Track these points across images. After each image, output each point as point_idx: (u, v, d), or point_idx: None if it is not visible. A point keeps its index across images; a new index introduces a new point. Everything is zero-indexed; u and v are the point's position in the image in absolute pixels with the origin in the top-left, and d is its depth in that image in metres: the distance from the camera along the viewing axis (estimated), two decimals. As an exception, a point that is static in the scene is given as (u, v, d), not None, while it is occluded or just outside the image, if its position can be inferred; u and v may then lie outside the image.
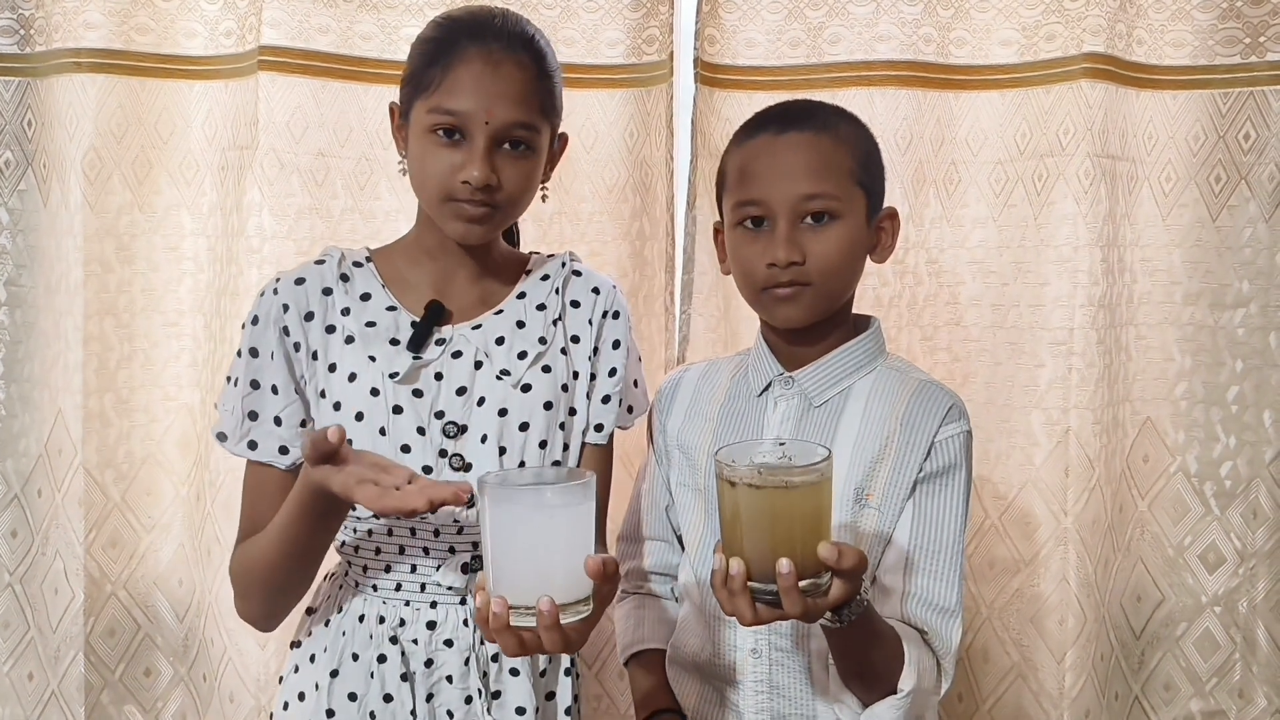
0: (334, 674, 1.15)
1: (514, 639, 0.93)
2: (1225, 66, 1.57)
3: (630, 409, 1.24)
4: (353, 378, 1.14)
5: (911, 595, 1.11)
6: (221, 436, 1.17)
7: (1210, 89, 1.58)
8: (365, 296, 1.18)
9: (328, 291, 1.17)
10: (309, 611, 1.22)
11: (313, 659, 1.18)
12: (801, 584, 0.89)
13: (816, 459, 0.91)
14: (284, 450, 1.16)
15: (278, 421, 1.15)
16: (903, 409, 1.13)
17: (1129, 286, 1.62)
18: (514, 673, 1.16)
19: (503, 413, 1.15)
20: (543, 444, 1.16)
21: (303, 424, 1.17)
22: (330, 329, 1.16)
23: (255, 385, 1.15)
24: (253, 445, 1.15)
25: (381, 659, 1.14)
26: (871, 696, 1.06)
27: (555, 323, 1.20)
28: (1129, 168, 1.59)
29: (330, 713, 1.15)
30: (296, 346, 1.16)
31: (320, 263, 1.20)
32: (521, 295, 1.21)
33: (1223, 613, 1.65)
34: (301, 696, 1.18)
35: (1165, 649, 1.67)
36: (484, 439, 1.14)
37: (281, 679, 1.23)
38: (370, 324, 1.16)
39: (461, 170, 1.09)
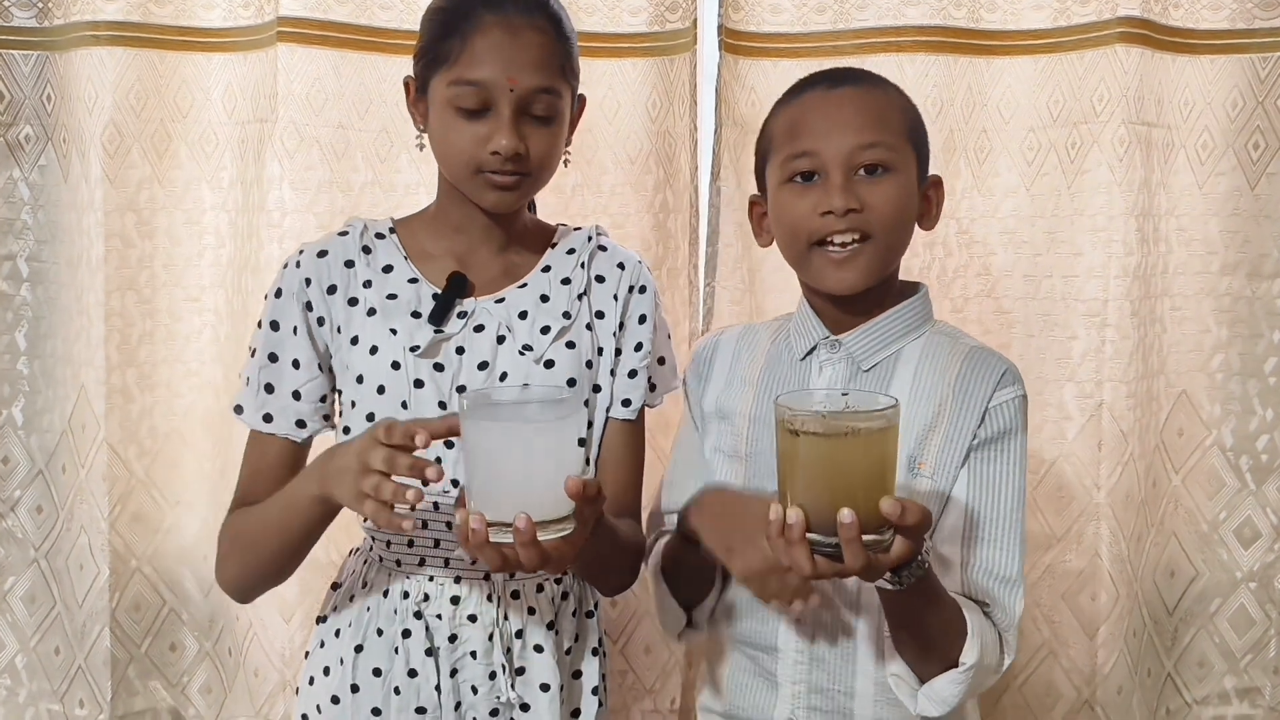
0: (358, 649, 1.15)
1: (496, 554, 0.92)
2: (1265, 30, 1.53)
3: (654, 387, 1.23)
4: (374, 351, 1.14)
5: (972, 565, 1.08)
6: (239, 409, 1.17)
7: (1249, 53, 1.54)
8: (387, 269, 1.17)
9: (350, 264, 1.17)
10: (334, 586, 1.22)
11: (338, 634, 1.18)
12: (864, 538, 0.87)
13: (883, 405, 0.88)
14: (301, 424, 1.16)
15: (296, 396, 1.15)
16: (954, 375, 1.11)
17: (1164, 256, 1.59)
18: (538, 649, 1.15)
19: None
20: None
21: (323, 399, 1.17)
22: (353, 302, 1.16)
23: (274, 358, 1.15)
24: (268, 418, 1.15)
25: (406, 634, 1.14)
26: (928, 669, 1.04)
27: (580, 297, 1.18)
28: (1165, 135, 1.56)
29: (355, 688, 1.15)
30: (320, 321, 1.16)
31: (343, 234, 1.19)
32: (546, 269, 1.20)
33: (1258, 589, 1.62)
34: (326, 671, 1.18)
35: (1199, 625, 1.65)
36: None
37: (308, 654, 1.22)
38: (392, 296, 1.15)
39: (489, 141, 1.08)
